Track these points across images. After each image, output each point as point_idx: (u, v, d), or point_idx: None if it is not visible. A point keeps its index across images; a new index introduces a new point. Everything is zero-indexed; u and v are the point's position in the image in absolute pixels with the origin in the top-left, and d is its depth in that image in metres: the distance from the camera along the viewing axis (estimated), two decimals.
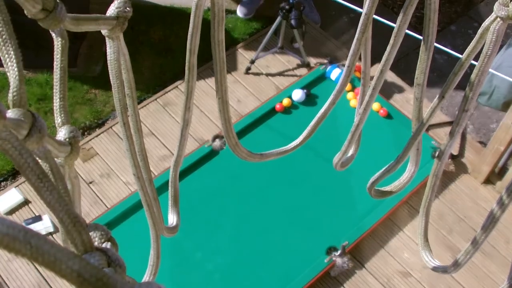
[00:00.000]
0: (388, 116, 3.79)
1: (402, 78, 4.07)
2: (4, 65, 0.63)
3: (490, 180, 3.65)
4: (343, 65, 4.01)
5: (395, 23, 1.01)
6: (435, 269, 1.10)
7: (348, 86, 3.76)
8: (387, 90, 3.96)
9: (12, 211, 3.36)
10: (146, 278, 1.20)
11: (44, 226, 3.25)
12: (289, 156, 1.67)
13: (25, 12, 0.67)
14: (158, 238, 1.14)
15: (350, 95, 3.84)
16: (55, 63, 0.75)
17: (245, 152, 1.18)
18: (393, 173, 1.36)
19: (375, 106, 3.75)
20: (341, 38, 4.47)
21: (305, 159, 3.54)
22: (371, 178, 1.29)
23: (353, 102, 3.81)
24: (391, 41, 1.00)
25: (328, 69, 3.93)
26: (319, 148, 3.08)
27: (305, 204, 3.41)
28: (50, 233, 3.28)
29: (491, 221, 0.85)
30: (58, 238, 3.24)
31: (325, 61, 4.02)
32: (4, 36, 0.61)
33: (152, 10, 4.47)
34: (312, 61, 4.13)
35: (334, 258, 3.19)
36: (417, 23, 4.10)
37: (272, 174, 3.47)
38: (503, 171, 3.62)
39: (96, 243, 0.57)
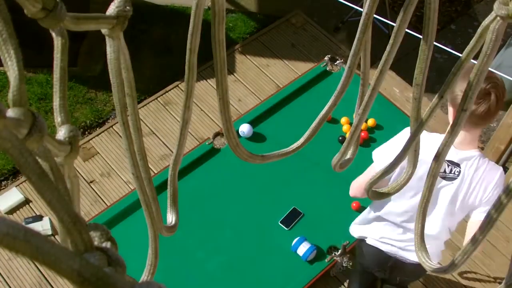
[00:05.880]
0: (383, 123, 3.76)
1: (403, 77, 4.07)
2: (4, 65, 0.63)
3: None
4: (344, 63, 4.02)
5: (395, 22, 1.01)
6: (432, 270, 1.09)
7: (346, 120, 3.70)
8: (388, 89, 3.96)
9: (12, 210, 3.37)
10: (144, 278, 1.20)
11: (42, 228, 3.25)
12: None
13: (25, 11, 0.67)
14: (156, 237, 1.14)
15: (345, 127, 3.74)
16: (54, 62, 0.75)
17: (246, 153, 1.17)
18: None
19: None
20: (338, 36, 4.47)
21: (306, 158, 3.54)
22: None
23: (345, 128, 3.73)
24: (391, 41, 1.00)
25: (294, 243, 3.24)
26: (320, 148, 3.08)
27: (306, 203, 3.41)
28: (48, 236, 3.28)
29: (489, 221, 0.85)
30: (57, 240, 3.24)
31: (326, 58, 4.01)
32: (4, 36, 0.61)
33: (152, 9, 4.47)
34: (313, 59, 4.13)
35: (334, 258, 3.19)
36: (418, 22, 4.10)
37: (273, 173, 3.47)
38: (503, 170, 3.62)
39: (95, 243, 0.57)
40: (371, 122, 3.69)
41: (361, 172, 2.37)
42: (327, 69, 3.99)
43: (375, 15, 1.05)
